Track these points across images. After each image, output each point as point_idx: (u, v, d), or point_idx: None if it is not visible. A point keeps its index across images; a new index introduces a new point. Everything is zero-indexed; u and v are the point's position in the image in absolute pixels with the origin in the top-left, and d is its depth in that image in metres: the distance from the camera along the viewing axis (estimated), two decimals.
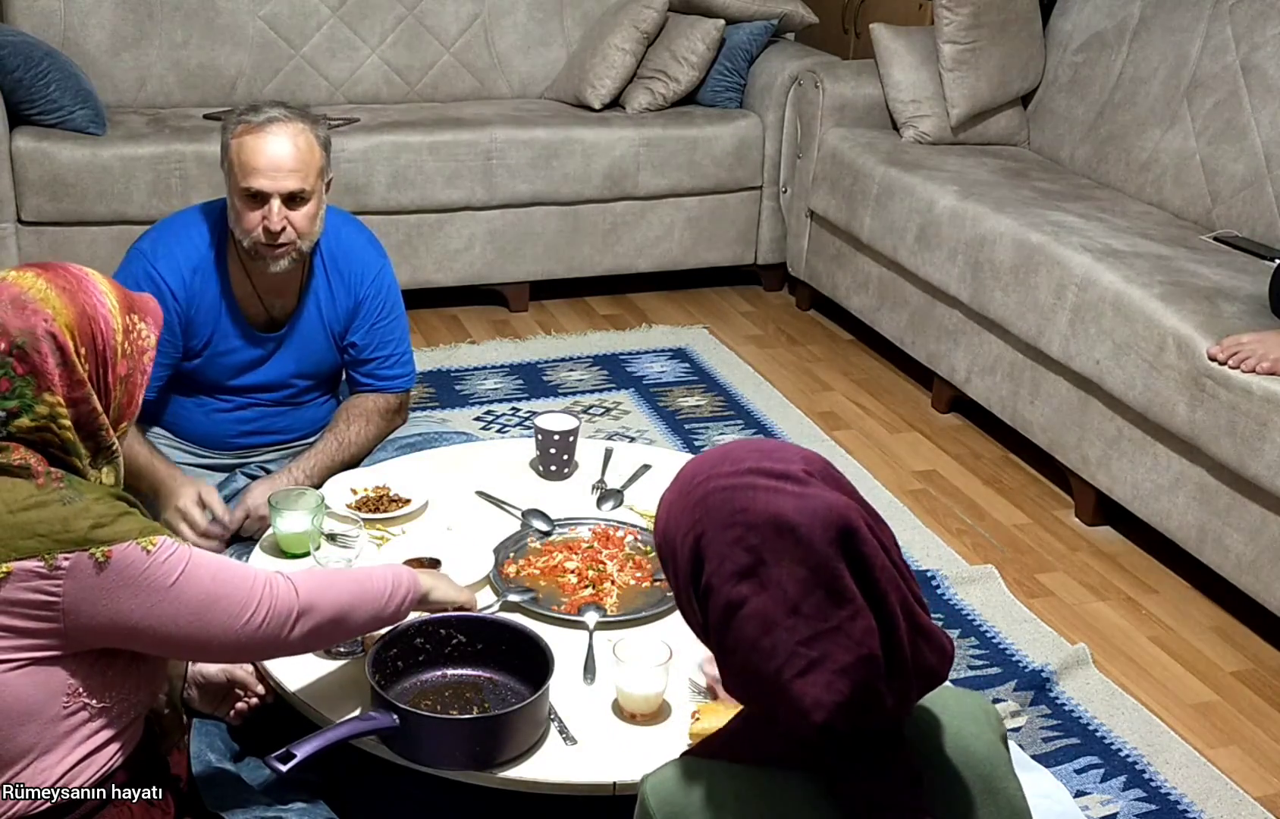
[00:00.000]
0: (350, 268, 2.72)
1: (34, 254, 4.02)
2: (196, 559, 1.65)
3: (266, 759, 1.72)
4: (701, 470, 1.28)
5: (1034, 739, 2.63)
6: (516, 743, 1.85)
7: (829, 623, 1.19)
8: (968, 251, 3.81)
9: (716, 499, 1.24)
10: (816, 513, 1.21)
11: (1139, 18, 4.23)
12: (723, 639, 1.23)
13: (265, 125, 2.50)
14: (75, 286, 1.64)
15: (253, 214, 2.52)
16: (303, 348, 2.74)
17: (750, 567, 1.20)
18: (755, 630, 1.20)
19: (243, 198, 2.52)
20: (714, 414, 3.95)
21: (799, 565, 1.20)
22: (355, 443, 2.72)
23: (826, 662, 1.19)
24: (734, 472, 1.25)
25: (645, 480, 2.63)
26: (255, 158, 2.49)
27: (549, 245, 4.57)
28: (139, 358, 1.71)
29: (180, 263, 2.61)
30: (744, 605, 1.20)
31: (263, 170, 2.49)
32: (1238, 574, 3.00)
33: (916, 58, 4.49)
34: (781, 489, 1.22)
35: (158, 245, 2.63)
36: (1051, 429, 3.56)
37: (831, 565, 1.20)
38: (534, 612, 2.16)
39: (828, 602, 1.20)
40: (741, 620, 1.20)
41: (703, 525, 1.23)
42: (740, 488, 1.24)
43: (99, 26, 4.46)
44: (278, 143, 2.50)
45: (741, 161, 4.72)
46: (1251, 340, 2.96)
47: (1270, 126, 3.71)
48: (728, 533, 1.22)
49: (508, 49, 4.96)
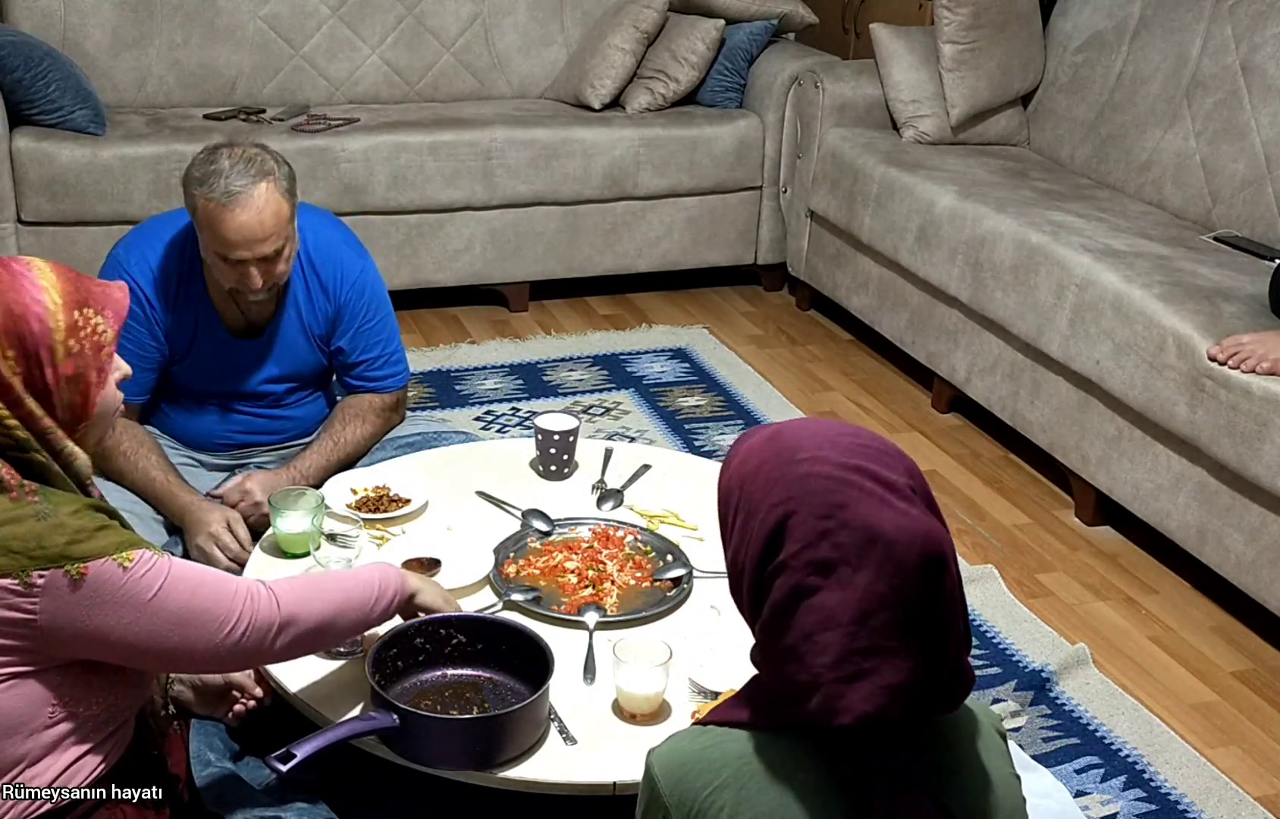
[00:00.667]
0: (329, 271, 2.70)
1: (34, 254, 4.01)
2: (176, 573, 1.63)
3: (266, 759, 1.72)
4: (805, 446, 1.26)
5: (1034, 739, 2.63)
6: (516, 743, 1.85)
7: (890, 642, 1.19)
8: (968, 251, 3.81)
9: (816, 484, 1.23)
10: (915, 537, 1.21)
11: (1139, 18, 4.23)
12: (776, 617, 1.22)
13: (233, 199, 2.41)
14: (6, 284, 1.58)
15: (230, 270, 2.49)
16: (284, 352, 2.73)
17: (832, 563, 1.20)
18: (816, 623, 1.20)
19: (216, 257, 2.49)
20: (714, 414, 3.94)
21: (881, 580, 1.19)
22: (351, 442, 2.71)
23: (875, 676, 1.19)
24: (841, 464, 1.24)
25: (645, 480, 2.63)
26: (227, 232, 2.43)
27: (549, 245, 4.57)
28: (91, 355, 1.63)
29: (156, 270, 2.60)
30: (813, 595, 1.20)
31: (238, 245, 2.44)
32: (1238, 574, 3.00)
33: (916, 58, 4.49)
34: (886, 500, 1.22)
35: (132, 251, 2.62)
36: (1051, 429, 3.56)
37: (912, 592, 1.20)
38: (534, 612, 2.16)
39: (895, 624, 1.20)
40: (806, 609, 1.20)
41: (795, 505, 1.22)
42: (844, 483, 1.22)
43: (99, 26, 4.46)
44: (247, 216, 2.42)
45: (741, 161, 4.72)
46: (1251, 341, 2.96)
47: (1270, 126, 3.71)
48: (820, 523, 1.21)
49: (508, 49, 4.96)
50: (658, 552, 2.36)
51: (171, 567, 1.63)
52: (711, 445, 3.72)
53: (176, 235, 2.63)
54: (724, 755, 1.26)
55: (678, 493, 2.58)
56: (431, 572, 2.23)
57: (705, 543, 2.40)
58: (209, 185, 2.44)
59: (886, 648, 1.20)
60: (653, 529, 2.44)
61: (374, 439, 2.77)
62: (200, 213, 2.46)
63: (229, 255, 2.46)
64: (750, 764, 1.25)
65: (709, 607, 2.22)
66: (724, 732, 1.29)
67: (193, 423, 2.74)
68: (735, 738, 1.28)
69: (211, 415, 2.74)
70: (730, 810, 1.23)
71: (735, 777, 1.25)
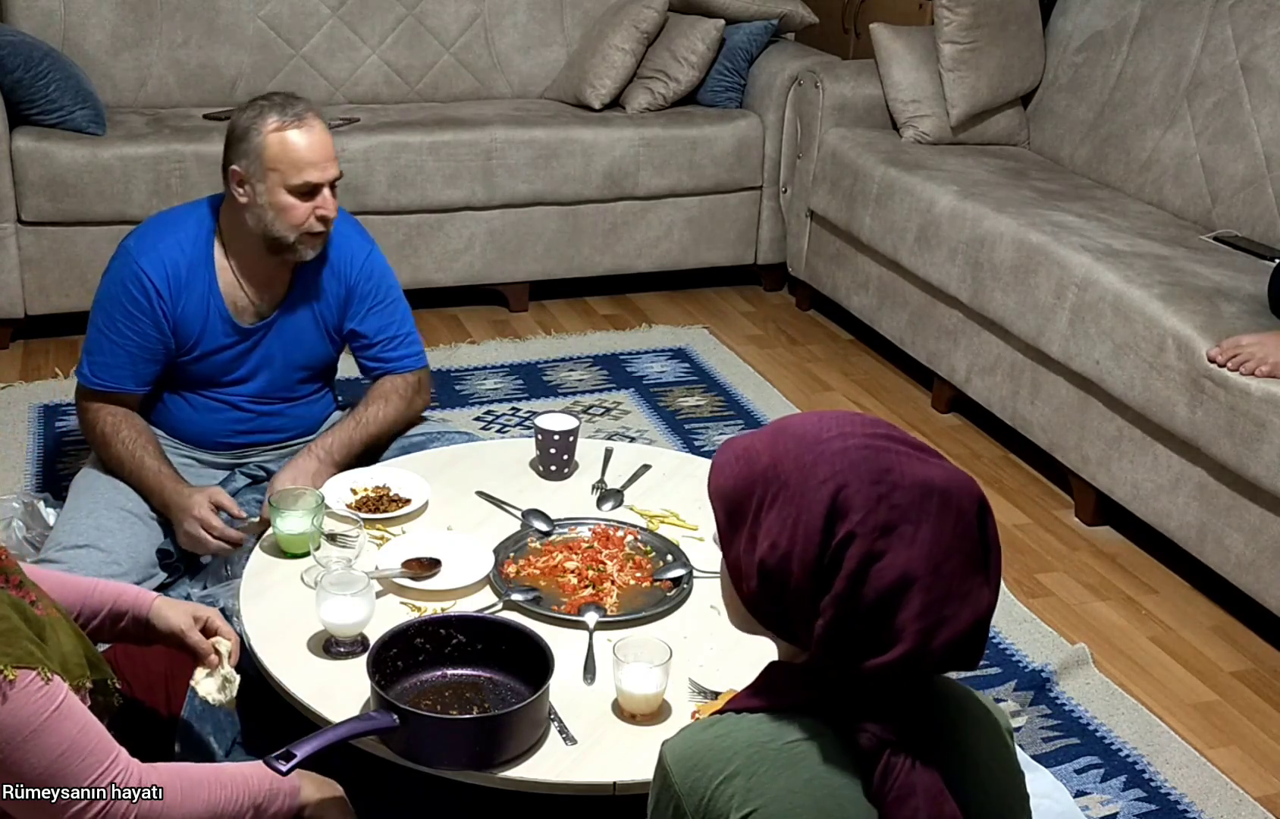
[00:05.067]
0: (337, 255, 2.74)
1: (34, 254, 4.03)
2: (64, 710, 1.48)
3: (267, 759, 1.72)
4: (825, 428, 1.30)
5: (1034, 739, 2.63)
6: (516, 743, 1.85)
7: (964, 586, 1.25)
8: (968, 251, 3.81)
9: (857, 455, 1.26)
10: (962, 483, 1.28)
11: (1139, 18, 4.23)
12: (850, 586, 1.24)
13: (303, 118, 2.55)
14: None
15: (302, 206, 2.56)
16: (292, 342, 2.74)
17: (893, 523, 1.23)
18: (892, 582, 1.22)
19: (291, 192, 2.55)
20: (714, 414, 3.94)
21: (944, 529, 1.24)
22: (375, 421, 2.74)
23: (955, 621, 1.24)
24: (870, 434, 1.29)
25: (645, 480, 2.63)
26: (305, 152, 2.54)
27: (549, 245, 4.57)
28: None
29: (166, 262, 2.61)
30: (882, 558, 1.23)
31: (315, 163, 2.55)
32: (1238, 574, 3.00)
33: (916, 58, 4.49)
34: (923, 459, 1.28)
35: (143, 243, 2.63)
36: (1051, 429, 3.56)
37: (974, 532, 1.26)
38: (534, 612, 2.16)
39: (967, 565, 1.25)
40: (879, 572, 1.22)
41: (844, 477, 1.25)
42: (882, 450, 1.27)
43: (99, 26, 4.46)
44: (317, 134, 2.57)
45: (741, 161, 4.72)
46: (1251, 342, 2.96)
47: (1270, 126, 3.71)
48: (874, 488, 1.24)
49: (508, 49, 4.96)
50: (658, 552, 2.36)
51: (63, 701, 1.48)
52: (711, 445, 3.72)
53: (188, 226, 2.66)
54: (734, 744, 1.28)
55: (678, 493, 2.59)
56: (432, 572, 2.23)
57: (705, 543, 2.40)
58: (280, 112, 2.54)
59: (961, 591, 1.24)
60: (653, 529, 2.44)
61: (398, 421, 2.79)
62: (271, 145, 2.53)
63: (306, 179, 2.54)
64: (760, 752, 1.26)
65: (709, 607, 2.22)
66: (736, 719, 1.30)
67: (195, 419, 2.74)
68: (747, 726, 1.29)
69: (215, 411, 2.74)
70: (740, 799, 1.24)
71: (746, 765, 1.26)
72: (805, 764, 1.26)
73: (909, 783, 1.23)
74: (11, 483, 3.27)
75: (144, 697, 1.98)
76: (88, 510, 2.56)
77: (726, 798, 1.25)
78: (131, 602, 1.89)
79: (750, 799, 1.24)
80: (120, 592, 1.90)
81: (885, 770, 1.24)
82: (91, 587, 1.88)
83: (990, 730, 1.36)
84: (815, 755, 1.26)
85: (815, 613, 1.25)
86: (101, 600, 1.87)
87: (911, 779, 1.23)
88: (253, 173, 2.55)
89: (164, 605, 1.91)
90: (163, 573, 2.58)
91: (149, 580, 2.52)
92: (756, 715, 1.30)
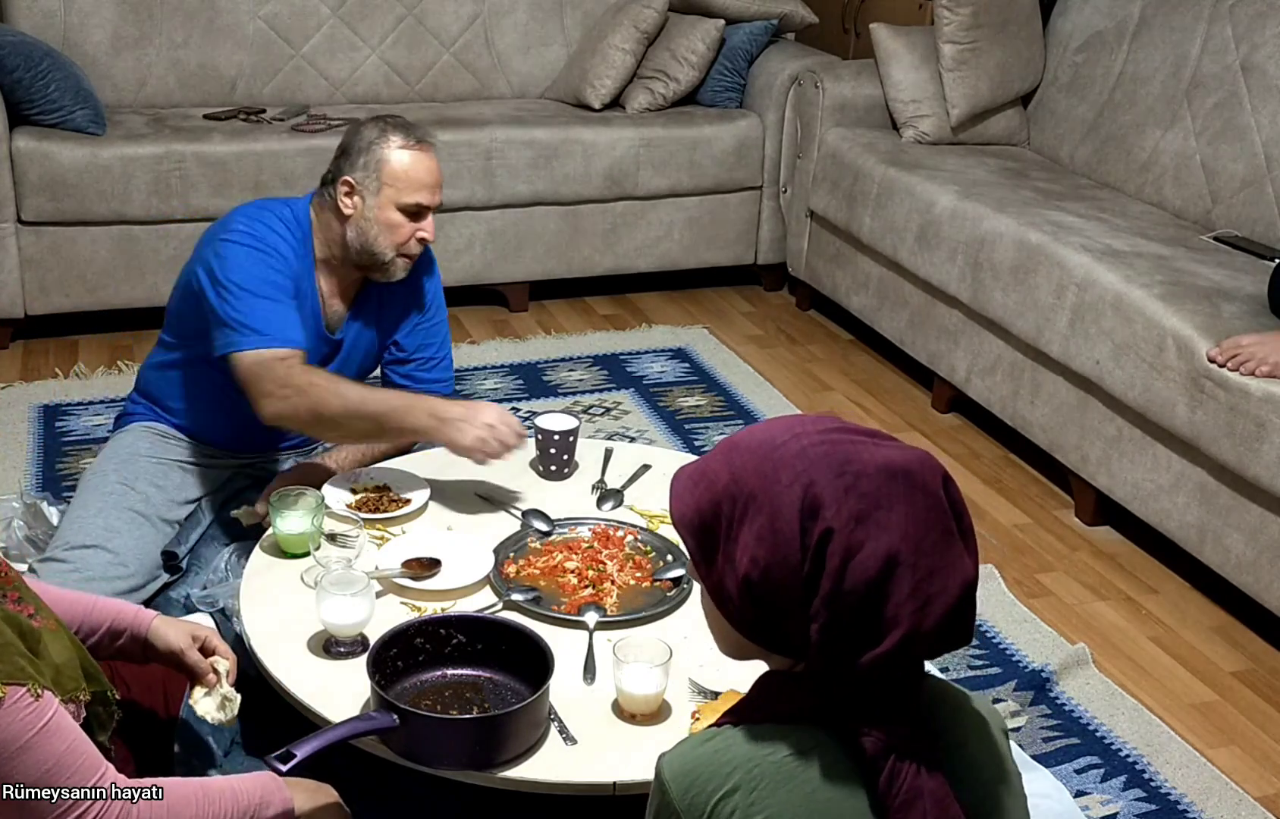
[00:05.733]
0: (411, 272, 2.69)
1: (34, 254, 4.02)
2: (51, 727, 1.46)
3: (266, 759, 1.72)
4: (777, 434, 1.30)
5: (1034, 739, 2.63)
6: (516, 743, 1.85)
7: (944, 559, 1.24)
8: (968, 251, 3.81)
9: (816, 453, 1.26)
10: (923, 460, 1.28)
11: (1139, 18, 4.23)
12: (838, 583, 1.23)
13: (424, 142, 2.57)
14: None
15: (408, 226, 2.57)
16: (357, 350, 2.73)
17: (865, 512, 1.23)
18: (878, 569, 1.22)
19: (402, 210, 2.55)
20: (714, 414, 3.94)
21: (916, 506, 1.24)
22: (391, 451, 2.70)
23: (944, 595, 1.24)
24: (822, 431, 1.29)
25: (645, 480, 2.63)
26: (423, 174, 2.56)
27: (549, 245, 4.57)
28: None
29: (283, 243, 2.55)
30: (863, 548, 1.23)
31: (429, 186, 2.57)
32: (1238, 574, 3.00)
33: (916, 58, 4.49)
34: (879, 443, 1.28)
35: (257, 214, 2.55)
36: (1051, 429, 3.56)
37: (942, 503, 1.26)
38: (534, 612, 2.16)
39: (944, 537, 1.25)
40: (863, 562, 1.22)
41: (811, 475, 1.25)
42: (839, 443, 1.27)
43: (99, 26, 4.46)
44: (434, 160, 2.59)
45: (741, 161, 4.72)
46: (1251, 343, 2.96)
47: (1270, 126, 3.71)
48: (839, 481, 1.24)
49: (508, 49, 4.96)
50: (658, 552, 2.36)
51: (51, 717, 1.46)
52: (712, 445, 3.72)
53: (286, 219, 2.58)
54: (733, 758, 1.26)
55: None
56: (431, 572, 2.23)
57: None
58: (405, 132, 2.56)
59: (945, 563, 1.24)
60: (653, 529, 2.44)
61: (411, 446, 2.72)
62: (393, 163, 2.54)
63: (418, 199, 2.55)
64: (760, 765, 1.25)
65: None
66: (734, 732, 1.29)
67: (236, 418, 2.60)
68: (745, 738, 1.27)
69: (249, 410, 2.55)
70: (741, 813, 1.23)
71: (745, 779, 1.25)
72: (806, 776, 1.25)
73: (916, 787, 1.23)
74: (11, 483, 3.26)
75: (143, 698, 1.98)
76: (97, 509, 2.53)
77: (727, 814, 1.23)
78: (130, 620, 1.89)
79: (751, 814, 1.23)
80: (120, 610, 1.90)
81: (891, 775, 1.23)
82: (91, 604, 1.88)
83: (987, 732, 1.36)
84: (815, 767, 1.25)
85: (808, 619, 1.24)
86: (100, 618, 1.87)
87: (918, 783, 1.23)
88: (366, 185, 2.54)
89: (162, 624, 1.90)
90: (166, 574, 2.56)
91: (153, 582, 2.51)
92: (754, 727, 1.28)
